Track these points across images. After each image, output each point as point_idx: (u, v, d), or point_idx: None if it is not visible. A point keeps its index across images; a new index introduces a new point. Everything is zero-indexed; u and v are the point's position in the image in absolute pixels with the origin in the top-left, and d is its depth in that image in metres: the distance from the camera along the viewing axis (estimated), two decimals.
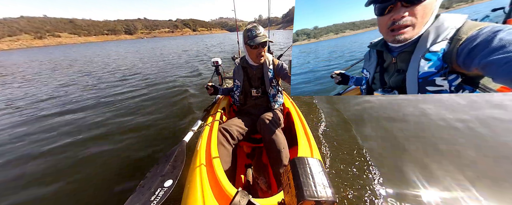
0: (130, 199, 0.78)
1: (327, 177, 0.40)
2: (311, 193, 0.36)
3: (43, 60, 13.42)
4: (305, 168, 0.41)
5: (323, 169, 0.42)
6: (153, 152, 1.92)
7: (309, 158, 0.43)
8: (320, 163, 0.42)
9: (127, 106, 3.32)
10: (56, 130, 2.56)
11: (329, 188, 0.37)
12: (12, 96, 4.42)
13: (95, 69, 7.66)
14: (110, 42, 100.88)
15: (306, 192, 0.36)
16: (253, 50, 1.21)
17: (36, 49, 55.96)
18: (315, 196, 0.35)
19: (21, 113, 3.29)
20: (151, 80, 5.20)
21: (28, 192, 1.55)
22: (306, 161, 0.42)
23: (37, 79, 6.28)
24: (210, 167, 0.89)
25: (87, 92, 4.36)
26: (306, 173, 0.40)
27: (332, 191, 0.37)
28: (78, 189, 1.56)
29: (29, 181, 1.67)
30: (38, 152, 2.07)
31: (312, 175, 0.39)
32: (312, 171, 0.40)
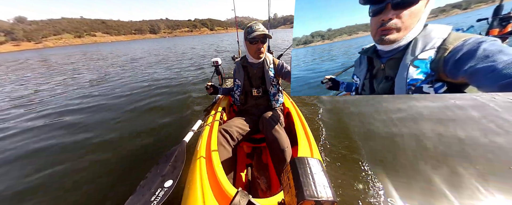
0: (130, 199, 0.78)
1: (327, 177, 0.40)
2: (311, 193, 0.36)
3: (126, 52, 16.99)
4: (305, 168, 0.41)
5: (323, 169, 0.42)
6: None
7: (309, 158, 0.43)
8: (320, 163, 0.43)
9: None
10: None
11: (329, 188, 0.37)
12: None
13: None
14: (137, 41, 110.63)
15: (306, 192, 0.36)
16: (253, 45, 1.22)
17: (81, 46, 64.18)
18: (315, 196, 0.35)
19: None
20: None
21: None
22: (306, 161, 0.42)
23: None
24: (210, 167, 0.89)
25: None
26: (306, 173, 0.40)
27: (332, 191, 0.37)
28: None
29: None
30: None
31: (312, 175, 0.39)
32: (312, 171, 0.40)
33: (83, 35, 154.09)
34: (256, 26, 1.19)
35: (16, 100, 4.09)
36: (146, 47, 23.94)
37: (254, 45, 1.22)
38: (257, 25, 1.21)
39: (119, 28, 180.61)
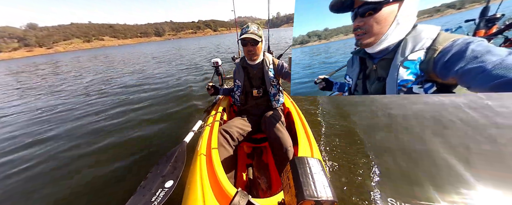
0: (131, 199, 0.78)
1: (327, 177, 0.40)
2: (311, 193, 0.36)
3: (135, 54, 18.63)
4: (305, 168, 0.40)
5: (323, 169, 0.41)
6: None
7: (309, 158, 0.43)
8: (320, 163, 0.42)
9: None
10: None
11: (329, 188, 0.37)
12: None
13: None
14: (143, 43, 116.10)
15: (306, 191, 0.36)
16: (244, 47, 1.24)
17: (91, 50, 70.40)
18: (315, 196, 0.35)
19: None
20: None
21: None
22: (306, 161, 0.42)
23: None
24: (211, 168, 0.89)
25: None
26: (306, 173, 0.39)
27: (332, 191, 0.37)
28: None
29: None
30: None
31: (312, 175, 0.39)
32: (312, 171, 0.40)
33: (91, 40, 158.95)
34: (247, 28, 1.19)
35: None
36: (161, 48, 25.30)
37: (245, 47, 1.23)
38: (249, 26, 1.20)
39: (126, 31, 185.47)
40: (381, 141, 1.79)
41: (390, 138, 1.84)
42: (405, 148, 1.67)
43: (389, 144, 1.75)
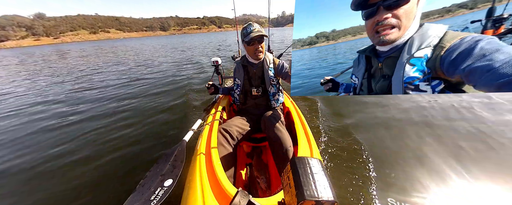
0: (130, 198, 0.77)
1: (327, 177, 0.39)
2: (311, 193, 0.36)
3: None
4: (305, 168, 0.40)
5: (324, 169, 0.41)
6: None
7: (309, 157, 0.42)
8: (320, 163, 0.42)
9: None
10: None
11: (330, 188, 0.37)
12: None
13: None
14: (148, 37, 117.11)
15: (306, 192, 0.36)
16: (250, 47, 1.23)
17: (96, 42, 72.00)
18: (315, 196, 0.35)
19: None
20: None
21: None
22: (306, 160, 0.42)
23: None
24: (210, 167, 0.89)
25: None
26: (306, 173, 0.39)
27: (333, 191, 0.37)
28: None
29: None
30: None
31: (312, 175, 0.39)
32: (312, 171, 0.40)
33: (98, 32, 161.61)
34: (251, 27, 1.19)
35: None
36: (171, 41, 27.89)
37: (252, 46, 1.22)
38: (252, 25, 1.20)
39: (131, 25, 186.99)
40: (381, 141, 1.79)
41: (390, 138, 1.83)
42: (405, 148, 1.67)
43: (389, 144, 1.75)
